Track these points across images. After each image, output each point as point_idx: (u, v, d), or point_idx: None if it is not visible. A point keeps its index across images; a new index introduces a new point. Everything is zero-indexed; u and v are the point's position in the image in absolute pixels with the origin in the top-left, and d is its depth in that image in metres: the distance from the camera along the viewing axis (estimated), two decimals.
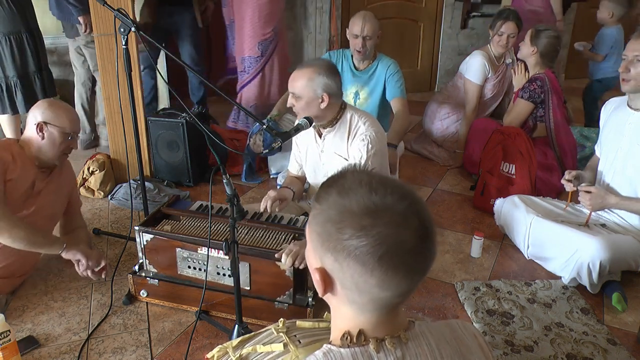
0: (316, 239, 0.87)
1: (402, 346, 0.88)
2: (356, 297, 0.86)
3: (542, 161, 3.07)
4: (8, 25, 3.06)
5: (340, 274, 0.84)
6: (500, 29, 3.44)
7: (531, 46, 3.13)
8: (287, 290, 2.01)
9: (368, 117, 2.31)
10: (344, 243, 0.81)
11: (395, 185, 0.85)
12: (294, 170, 2.57)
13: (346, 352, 0.87)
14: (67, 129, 2.16)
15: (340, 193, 0.84)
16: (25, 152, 2.16)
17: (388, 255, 0.80)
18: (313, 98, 2.16)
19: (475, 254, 2.61)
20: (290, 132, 2.16)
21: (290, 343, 1.36)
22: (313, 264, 0.90)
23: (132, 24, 2.11)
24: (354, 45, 3.10)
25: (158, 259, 2.15)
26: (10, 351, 1.79)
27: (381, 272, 0.81)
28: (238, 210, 1.67)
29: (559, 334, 2.07)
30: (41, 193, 2.23)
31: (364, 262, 0.80)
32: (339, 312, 0.92)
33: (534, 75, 3.14)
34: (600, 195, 2.31)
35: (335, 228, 0.82)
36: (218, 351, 1.44)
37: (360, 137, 2.23)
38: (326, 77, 2.14)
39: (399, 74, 3.16)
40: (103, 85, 3.07)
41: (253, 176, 3.42)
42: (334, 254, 0.83)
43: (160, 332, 2.06)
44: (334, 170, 2.51)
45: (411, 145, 3.91)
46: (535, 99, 3.10)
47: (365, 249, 0.80)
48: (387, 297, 0.85)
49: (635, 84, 2.24)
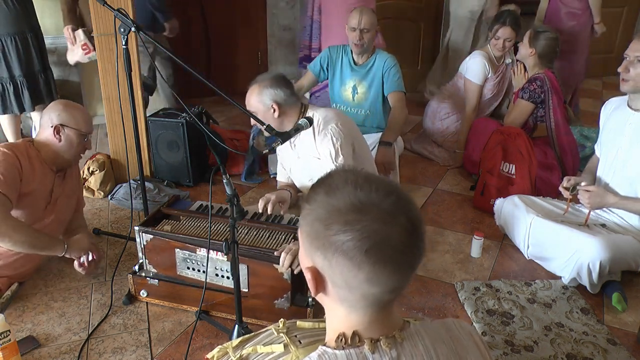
0: (306, 238, 0.88)
1: (398, 346, 0.88)
2: (347, 294, 0.86)
3: (542, 160, 3.07)
4: (13, 26, 3.06)
5: (330, 271, 0.85)
6: (497, 34, 3.45)
7: (530, 47, 3.14)
8: (284, 294, 2.01)
9: (327, 111, 2.34)
10: (331, 239, 0.82)
11: (381, 182, 0.86)
12: (284, 178, 2.57)
13: (341, 353, 0.87)
14: (83, 130, 2.19)
15: (327, 192, 0.86)
16: (42, 156, 2.17)
17: (374, 249, 0.81)
18: (265, 110, 2.24)
19: (475, 254, 2.61)
20: (290, 132, 2.16)
21: (291, 343, 1.36)
22: (304, 264, 0.91)
23: (132, 24, 2.12)
24: (351, 38, 3.12)
25: (158, 260, 2.15)
26: (10, 351, 1.79)
27: (369, 266, 0.81)
28: (238, 210, 1.67)
29: (559, 334, 2.07)
30: (58, 199, 2.26)
31: (351, 256, 0.81)
32: (332, 312, 0.92)
33: (534, 76, 3.15)
34: (599, 194, 2.32)
35: (323, 226, 0.84)
36: (218, 351, 1.44)
37: (322, 134, 2.25)
38: (272, 88, 2.23)
39: (396, 67, 3.16)
40: (103, 86, 3.07)
41: (253, 176, 3.42)
42: (322, 252, 0.84)
43: (160, 332, 2.06)
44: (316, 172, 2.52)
45: (411, 145, 3.91)
46: (536, 99, 3.10)
47: (351, 243, 0.81)
48: (378, 292, 0.85)
49: (634, 84, 2.25)
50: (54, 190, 2.22)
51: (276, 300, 2.02)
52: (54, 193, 2.23)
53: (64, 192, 2.28)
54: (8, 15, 3.03)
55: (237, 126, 4.17)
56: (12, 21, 3.05)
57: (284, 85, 2.28)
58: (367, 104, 3.23)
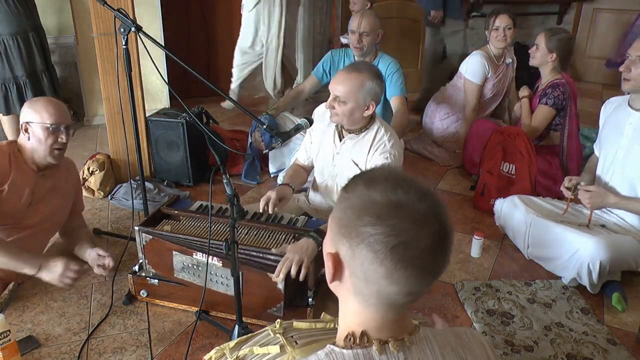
0: (335, 224, 0.88)
1: (405, 350, 0.88)
2: (363, 287, 0.86)
3: (546, 170, 3.06)
4: (15, 25, 3.06)
5: (352, 260, 0.85)
6: (495, 24, 3.40)
7: (549, 52, 3.03)
8: (277, 303, 2.00)
9: (393, 134, 2.28)
10: (359, 229, 0.83)
11: (420, 187, 0.87)
12: (302, 159, 2.54)
13: (348, 353, 0.87)
14: (48, 122, 2.07)
15: (366, 185, 0.87)
16: (23, 156, 2.14)
17: (401, 248, 0.81)
18: (360, 105, 2.12)
19: (475, 254, 2.61)
20: (290, 132, 2.17)
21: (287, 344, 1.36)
22: (327, 249, 0.91)
23: (132, 24, 2.12)
24: (351, 41, 3.14)
25: (155, 261, 2.14)
26: (10, 351, 1.79)
27: (391, 264, 0.81)
28: (238, 210, 1.67)
29: (559, 334, 2.07)
30: (45, 199, 2.21)
31: (376, 250, 0.81)
32: (345, 305, 0.92)
33: (556, 81, 3.05)
34: (600, 194, 2.31)
35: (355, 215, 0.84)
36: (215, 353, 1.44)
37: (383, 155, 2.20)
38: (376, 84, 2.11)
39: (399, 72, 3.17)
40: (103, 86, 3.07)
41: (253, 175, 3.41)
42: (348, 240, 0.85)
43: (160, 332, 2.06)
44: (344, 176, 2.50)
45: (411, 145, 3.91)
46: (558, 106, 3.03)
47: (379, 237, 0.81)
48: (394, 292, 0.85)
49: (635, 84, 2.25)
50: (35, 191, 2.16)
51: (269, 310, 2.01)
52: (37, 193, 2.16)
53: (50, 192, 2.22)
54: (9, 14, 3.02)
55: (237, 126, 4.18)
56: (14, 21, 3.05)
57: (383, 81, 2.17)
58: None
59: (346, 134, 2.30)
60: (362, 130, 2.26)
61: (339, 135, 2.32)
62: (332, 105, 2.15)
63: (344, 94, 2.11)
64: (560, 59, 3.05)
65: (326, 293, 2.22)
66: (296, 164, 2.59)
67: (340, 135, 2.32)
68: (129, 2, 2.90)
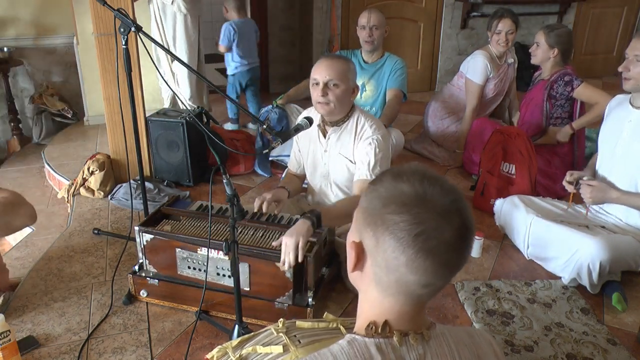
0: (362, 214, 0.90)
1: (424, 343, 0.89)
2: (383, 275, 0.87)
3: (545, 169, 3.06)
4: None
5: (375, 249, 0.87)
6: (497, 27, 3.40)
7: (550, 48, 3.04)
8: (286, 292, 2.01)
9: (374, 120, 2.32)
10: (385, 217, 0.85)
11: (447, 183, 0.89)
12: (293, 168, 2.60)
13: (371, 341, 0.88)
14: None
15: (394, 177, 0.89)
16: None
17: (423, 237, 0.82)
18: (349, 88, 2.20)
19: (475, 254, 2.61)
20: (290, 132, 2.18)
21: (290, 343, 1.36)
22: (351, 238, 0.93)
23: (132, 24, 2.11)
24: (362, 37, 3.23)
25: (158, 259, 2.15)
26: (10, 351, 1.79)
27: (412, 252, 0.83)
28: (238, 210, 1.68)
29: (559, 334, 2.07)
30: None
31: (399, 237, 0.83)
32: (365, 295, 0.93)
33: (563, 70, 3.05)
34: (602, 188, 2.32)
35: (382, 204, 0.86)
36: (218, 352, 1.44)
37: (367, 140, 2.23)
38: (354, 69, 2.21)
39: (403, 69, 3.28)
40: (103, 86, 3.07)
41: (265, 165, 3.44)
42: (373, 228, 0.86)
43: (160, 332, 2.06)
44: (336, 171, 2.51)
45: (411, 145, 3.91)
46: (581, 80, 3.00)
47: (403, 224, 0.83)
48: (412, 282, 0.86)
49: (635, 82, 2.26)
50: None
51: (277, 299, 2.03)
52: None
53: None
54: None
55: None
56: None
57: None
58: (373, 103, 3.34)
59: (329, 129, 2.32)
60: (342, 122, 2.29)
61: (323, 132, 2.35)
62: (324, 92, 2.17)
63: (337, 76, 2.15)
64: (562, 53, 3.06)
65: (326, 293, 2.22)
66: (289, 173, 2.63)
67: (324, 132, 2.34)
68: (129, 2, 2.90)
